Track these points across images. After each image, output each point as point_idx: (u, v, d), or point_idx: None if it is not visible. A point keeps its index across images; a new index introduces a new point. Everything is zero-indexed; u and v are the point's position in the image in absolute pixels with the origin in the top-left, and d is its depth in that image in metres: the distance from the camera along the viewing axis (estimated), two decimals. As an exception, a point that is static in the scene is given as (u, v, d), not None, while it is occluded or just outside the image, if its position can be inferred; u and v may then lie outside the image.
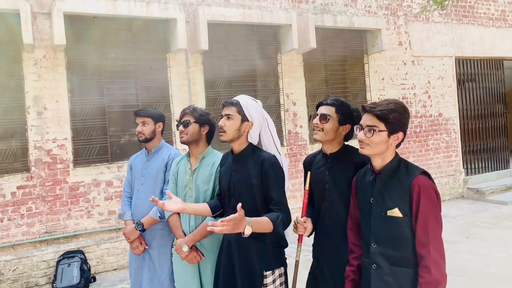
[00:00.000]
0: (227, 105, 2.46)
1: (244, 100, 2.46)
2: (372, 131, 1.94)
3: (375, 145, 1.96)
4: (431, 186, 1.90)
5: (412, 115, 8.34)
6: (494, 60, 9.57)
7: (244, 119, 2.43)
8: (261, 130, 2.53)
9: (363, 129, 1.98)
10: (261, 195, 2.36)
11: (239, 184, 2.42)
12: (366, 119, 1.99)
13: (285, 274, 2.47)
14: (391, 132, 1.95)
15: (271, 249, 2.38)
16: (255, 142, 2.50)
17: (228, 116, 2.42)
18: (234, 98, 2.48)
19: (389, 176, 1.99)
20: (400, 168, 1.99)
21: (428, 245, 1.84)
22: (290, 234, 2.54)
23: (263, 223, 2.21)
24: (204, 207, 2.59)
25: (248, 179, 2.38)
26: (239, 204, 2.09)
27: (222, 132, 2.42)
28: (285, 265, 2.47)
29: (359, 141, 2.01)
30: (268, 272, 2.35)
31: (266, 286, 2.34)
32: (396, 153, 2.03)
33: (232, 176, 2.47)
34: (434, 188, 1.91)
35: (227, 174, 2.53)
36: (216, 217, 2.57)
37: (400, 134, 1.97)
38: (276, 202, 2.33)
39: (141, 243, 3.19)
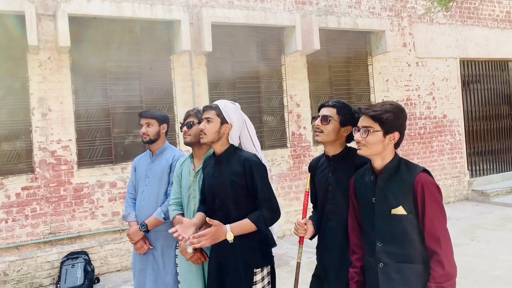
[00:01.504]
0: (206, 109, 2.55)
1: (222, 103, 2.55)
2: (367, 131, 2.00)
3: (371, 146, 2.00)
4: (433, 183, 1.95)
5: (416, 117, 8.31)
6: (499, 62, 9.53)
7: (224, 121, 2.50)
8: (241, 133, 2.61)
9: (360, 130, 2.04)
10: (245, 194, 2.42)
11: (222, 185, 2.47)
12: (362, 121, 2.04)
13: (272, 272, 2.53)
14: (386, 132, 1.99)
15: (259, 247, 2.44)
16: (236, 143, 2.58)
17: (208, 119, 2.49)
18: (214, 103, 2.57)
19: (391, 175, 2.02)
20: (401, 167, 2.03)
21: (439, 240, 1.88)
22: (275, 232, 2.60)
23: (244, 225, 2.35)
24: (203, 217, 2.59)
25: (231, 179, 2.43)
26: (207, 219, 2.32)
27: (203, 134, 2.50)
28: (272, 263, 2.53)
29: (356, 142, 2.06)
30: (257, 270, 2.41)
31: (256, 284, 2.39)
32: (396, 153, 2.07)
33: (215, 178, 2.52)
34: (436, 184, 1.96)
35: (210, 176, 2.58)
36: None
37: (396, 134, 2.01)
38: (260, 199, 2.40)
39: (145, 243, 3.20)
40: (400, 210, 1.96)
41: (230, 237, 2.32)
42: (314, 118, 2.47)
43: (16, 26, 5.17)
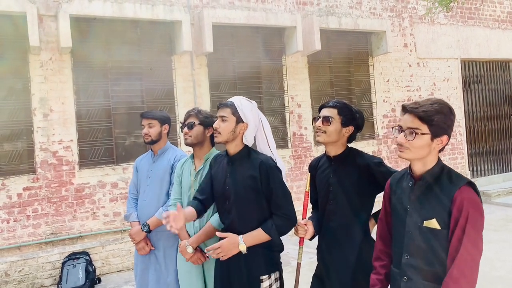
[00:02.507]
0: (221, 106, 2.43)
1: (238, 101, 2.43)
2: (413, 134, 1.75)
3: (416, 150, 1.77)
4: (476, 201, 1.70)
5: (417, 117, 8.30)
6: (500, 62, 9.53)
7: (239, 120, 2.39)
8: (256, 132, 2.49)
9: (403, 131, 1.79)
10: (259, 197, 2.34)
11: (235, 186, 2.38)
12: (407, 121, 1.78)
13: (281, 278, 2.44)
14: (435, 135, 1.76)
15: (267, 253, 2.36)
16: (250, 144, 2.47)
17: (223, 118, 2.39)
18: (229, 100, 2.46)
19: (430, 184, 1.80)
20: (443, 176, 1.80)
21: (463, 268, 1.66)
22: (286, 236, 2.49)
23: (257, 236, 2.30)
24: (192, 212, 2.45)
25: (244, 182, 2.35)
26: (217, 232, 2.34)
27: (217, 134, 2.40)
28: (280, 270, 2.44)
29: (398, 144, 1.82)
30: (264, 276, 2.33)
31: None
32: (439, 159, 1.85)
33: (227, 178, 2.43)
34: (479, 204, 1.71)
35: (221, 175, 2.48)
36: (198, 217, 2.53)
37: (445, 138, 1.79)
38: (274, 206, 2.33)
39: (147, 244, 3.20)
40: (433, 223, 1.75)
41: (242, 248, 2.27)
42: (315, 119, 2.45)
43: (18, 26, 5.18)
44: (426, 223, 1.77)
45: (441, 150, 1.83)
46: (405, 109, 1.81)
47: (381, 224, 2.05)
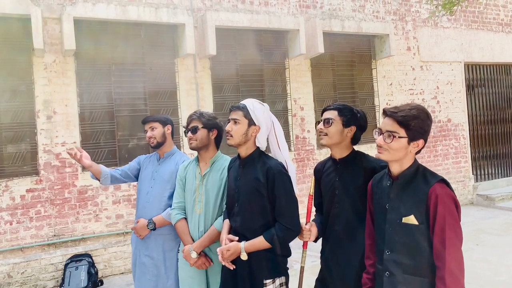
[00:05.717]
0: (234, 109, 2.45)
1: (251, 104, 2.44)
2: (391, 137, 1.88)
3: (394, 151, 1.90)
4: (449, 195, 1.83)
5: (420, 121, 8.27)
6: (504, 66, 9.50)
7: (251, 123, 2.40)
8: (269, 135, 2.50)
9: (383, 133, 1.92)
10: (263, 201, 2.34)
11: (243, 190, 2.39)
12: (387, 124, 1.92)
13: (287, 284, 2.42)
14: (412, 139, 1.89)
15: (272, 258, 2.35)
16: (263, 147, 2.47)
17: (235, 121, 2.40)
18: (241, 102, 2.47)
19: (406, 182, 1.93)
20: (418, 175, 1.92)
21: (444, 255, 1.77)
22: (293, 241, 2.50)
23: (258, 244, 2.31)
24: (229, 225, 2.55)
25: (252, 186, 2.35)
26: (229, 236, 2.38)
27: (229, 136, 2.41)
28: (286, 275, 2.43)
29: (377, 146, 1.95)
30: (268, 281, 2.32)
31: None
32: (415, 160, 1.97)
33: (238, 181, 2.44)
34: (453, 197, 1.84)
35: (233, 179, 2.50)
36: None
37: (421, 142, 1.91)
38: (277, 214, 2.33)
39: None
40: (411, 219, 1.87)
41: (244, 257, 2.31)
42: (317, 123, 2.45)
43: (22, 29, 5.21)
44: (404, 219, 1.89)
45: (417, 153, 1.96)
46: (385, 113, 1.94)
47: (368, 225, 2.15)
